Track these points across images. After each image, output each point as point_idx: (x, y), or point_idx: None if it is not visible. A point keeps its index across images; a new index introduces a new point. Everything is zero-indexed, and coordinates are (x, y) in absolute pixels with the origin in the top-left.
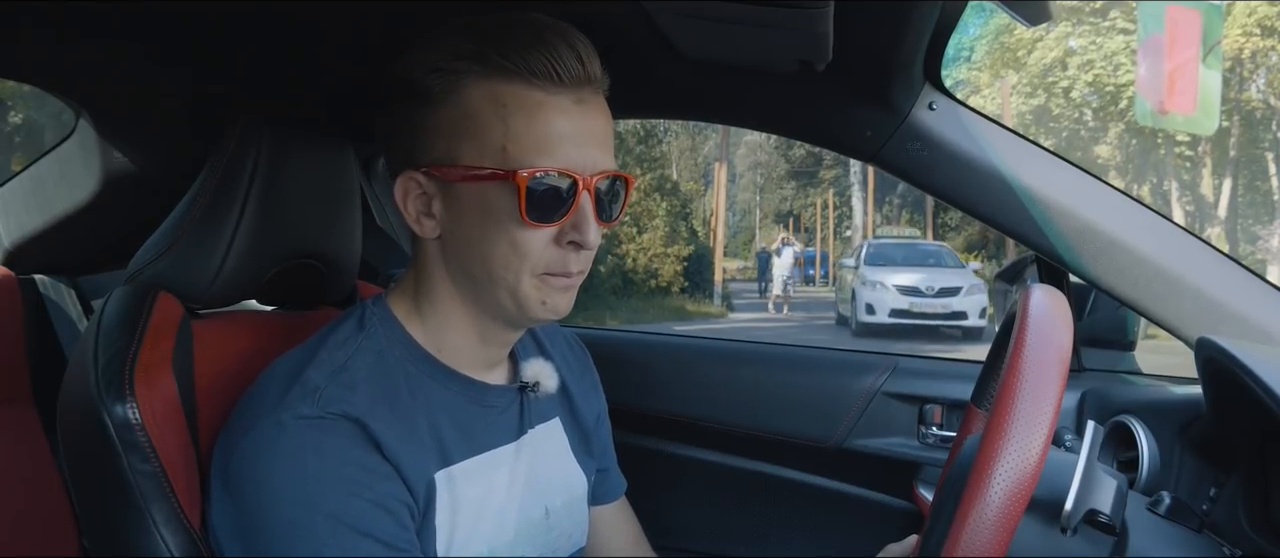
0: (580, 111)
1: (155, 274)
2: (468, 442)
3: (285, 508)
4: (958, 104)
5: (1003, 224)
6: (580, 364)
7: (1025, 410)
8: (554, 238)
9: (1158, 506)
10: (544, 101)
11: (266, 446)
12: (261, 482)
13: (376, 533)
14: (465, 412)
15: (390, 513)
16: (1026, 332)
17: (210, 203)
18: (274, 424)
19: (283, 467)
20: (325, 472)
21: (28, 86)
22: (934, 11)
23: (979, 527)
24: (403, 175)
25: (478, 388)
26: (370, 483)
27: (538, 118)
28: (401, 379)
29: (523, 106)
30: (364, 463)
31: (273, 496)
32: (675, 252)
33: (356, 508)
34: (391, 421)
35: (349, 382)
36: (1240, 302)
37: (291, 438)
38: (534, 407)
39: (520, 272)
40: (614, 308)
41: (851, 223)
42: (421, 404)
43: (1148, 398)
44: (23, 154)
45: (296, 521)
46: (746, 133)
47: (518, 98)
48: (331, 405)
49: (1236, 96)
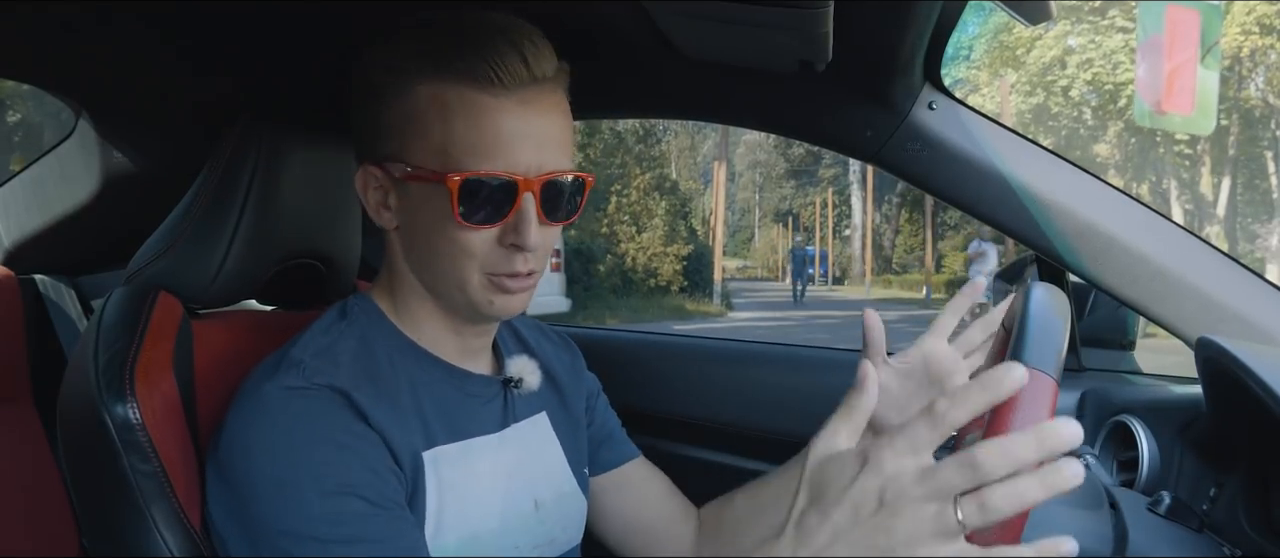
0: (523, 112)
1: (155, 274)
2: (451, 426)
3: (272, 469)
4: (958, 104)
5: (1002, 223)
6: (568, 355)
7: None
8: (497, 238)
9: (1158, 506)
10: (486, 104)
11: (254, 417)
12: (249, 449)
13: (364, 493)
14: (448, 397)
15: (377, 474)
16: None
17: (210, 203)
18: (259, 397)
19: (269, 433)
20: (312, 435)
21: (27, 86)
22: (934, 11)
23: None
24: (361, 168)
25: (460, 375)
26: (356, 446)
27: (478, 120)
28: (385, 362)
29: (464, 109)
30: (350, 428)
31: (261, 459)
32: (674, 251)
33: (343, 468)
34: (376, 395)
35: (333, 359)
36: (1240, 301)
37: (277, 406)
38: (519, 402)
39: (466, 270)
40: (613, 307)
41: (851, 222)
42: (405, 385)
43: (1148, 398)
44: (22, 154)
45: (283, 480)
46: (745, 132)
47: (461, 100)
48: (316, 377)
49: (1235, 95)
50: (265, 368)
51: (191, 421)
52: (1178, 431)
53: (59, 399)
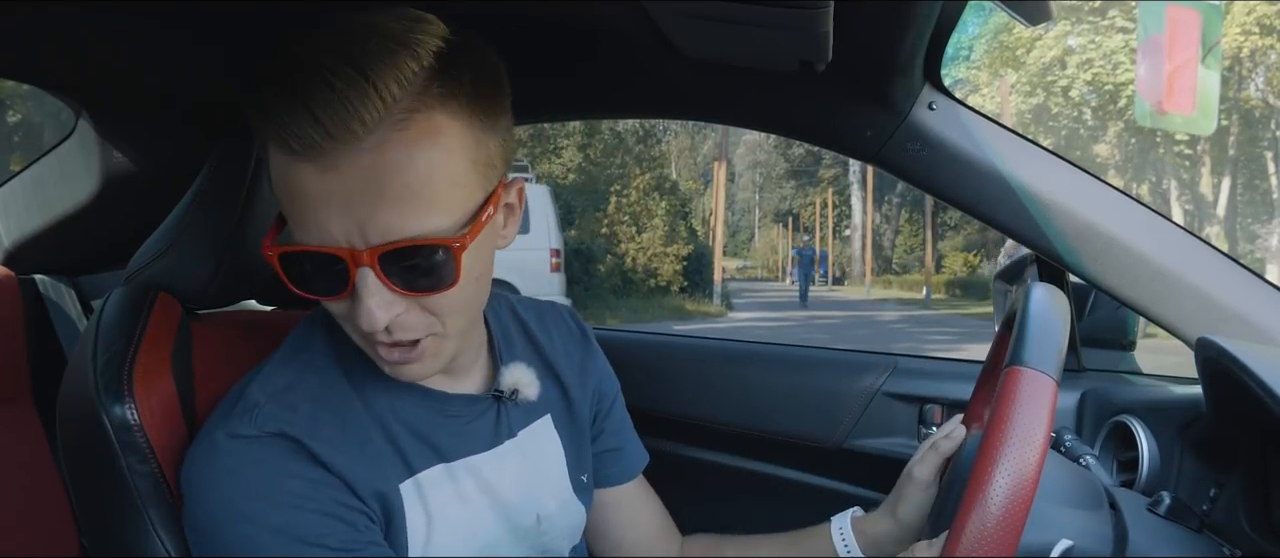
0: (328, 177)
1: (154, 274)
2: (432, 450)
3: (233, 524)
4: (958, 104)
5: (1002, 224)
6: (580, 350)
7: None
8: (349, 311)
9: (1158, 506)
10: (288, 168)
11: (206, 463)
12: (208, 498)
13: (328, 542)
14: (426, 421)
15: (341, 520)
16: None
17: (210, 203)
18: (211, 443)
19: (225, 484)
20: (268, 487)
21: (27, 86)
22: (934, 11)
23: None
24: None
25: (438, 397)
26: (314, 494)
27: (286, 188)
28: (353, 394)
29: (276, 173)
30: (306, 475)
31: (221, 511)
32: (674, 251)
33: (304, 520)
34: (338, 438)
35: (290, 403)
36: (1240, 301)
37: (226, 457)
38: (516, 412)
39: (352, 332)
40: (613, 307)
41: (851, 222)
42: (376, 416)
43: (1148, 398)
44: (22, 154)
45: (246, 536)
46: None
47: (274, 162)
48: (268, 424)
49: (1235, 95)
50: (223, 406)
51: (190, 421)
52: (1178, 431)
53: (58, 399)
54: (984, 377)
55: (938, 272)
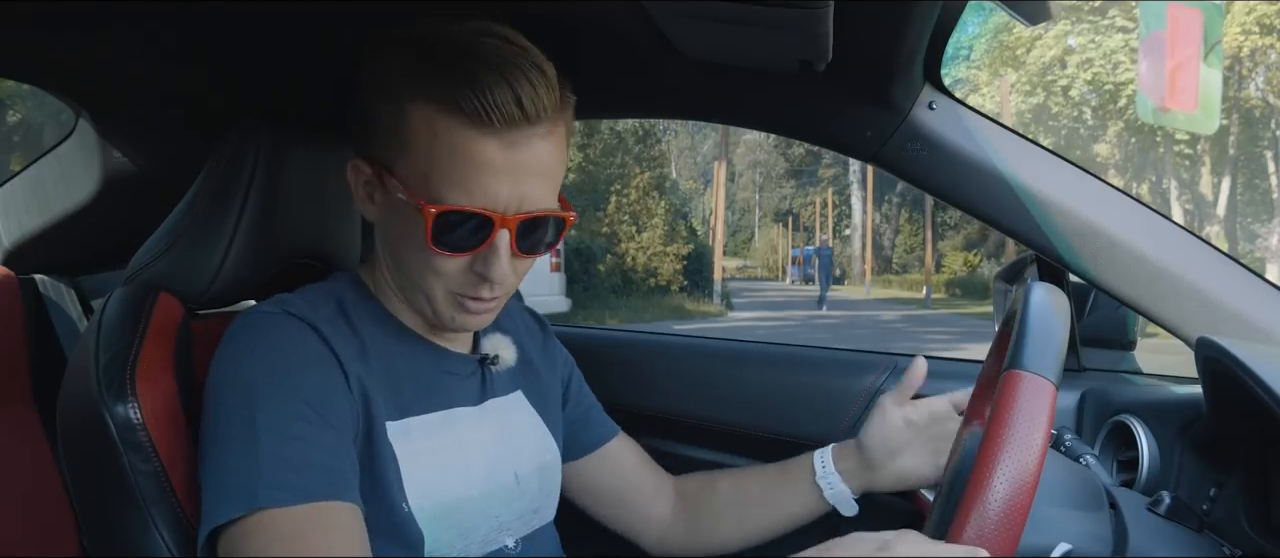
0: (509, 152)
1: (155, 274)
2: (427, 397)
3: (240, 372)
4: (957, 104)
5: (1002, 224)
6: (541, 334)
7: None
8: (468, 265)
9: (1158, 506)
10: (472, 139)
11: (227, 338)
12: (220, 360)
13: (317, 405)
14: (426, 372)
15: (332, 393)
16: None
17: (210, 203)
18: (233, 326)
19: (241, 341)
20: (280, 344)
21: (27, 86)
22: (934, 11)
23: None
24: (354, 159)
25: (438, 351)
26: (318, 366)
27: (462, 154)
28: (363, 332)
29: (450, 139)
30: (316, 350)
31: (230, 364)
32: (674, 250)
33: (302, 379)
34: (347, 344)
35: (311, 305)
36: (1240, 301)
37: (252, 323)
38: (496, 379)
39: (433, 287)
40: (613, 307)
41: (851, 221)
42: (379, 356)
43: (1148, 398)
44: (22, 154)
45: (247, 382)
46: (745, 132)
47: (448, 129)
48: (292, 309)
49: (1235, 95)
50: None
51: (191, 420)
52: (1178, 430)
53: (59, 399)
54: (984, 376)
55: (937, 271)
